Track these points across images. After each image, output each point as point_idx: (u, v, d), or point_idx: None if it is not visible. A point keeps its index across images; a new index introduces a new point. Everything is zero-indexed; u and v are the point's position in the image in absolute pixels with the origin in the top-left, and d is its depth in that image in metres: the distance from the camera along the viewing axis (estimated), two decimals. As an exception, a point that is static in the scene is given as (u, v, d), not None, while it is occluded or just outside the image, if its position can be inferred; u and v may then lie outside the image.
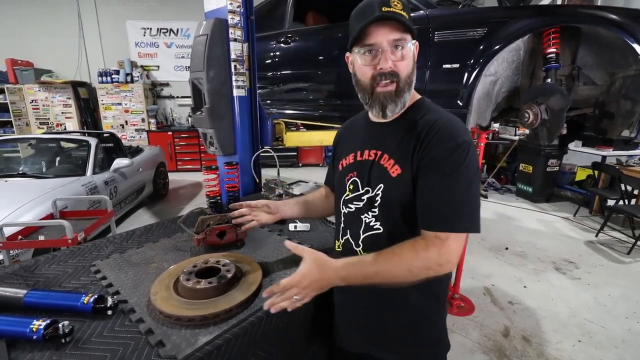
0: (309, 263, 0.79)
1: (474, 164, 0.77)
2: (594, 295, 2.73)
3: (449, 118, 0.80)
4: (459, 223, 0.75)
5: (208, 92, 1.81)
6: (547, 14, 1.82)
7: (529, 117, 1.82)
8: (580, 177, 4.90)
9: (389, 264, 0.76)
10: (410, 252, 0.75)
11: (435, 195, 0.76)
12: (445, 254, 0.74)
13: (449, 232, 0.74)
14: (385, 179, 0.83)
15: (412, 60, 0.80)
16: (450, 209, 0.75)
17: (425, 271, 0.75)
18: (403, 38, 0.76)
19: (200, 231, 1.27)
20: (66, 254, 1.29)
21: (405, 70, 0.79)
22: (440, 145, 0.76)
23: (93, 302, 0.91)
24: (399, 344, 0.91)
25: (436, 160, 0.76)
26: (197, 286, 0.93)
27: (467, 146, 0.75)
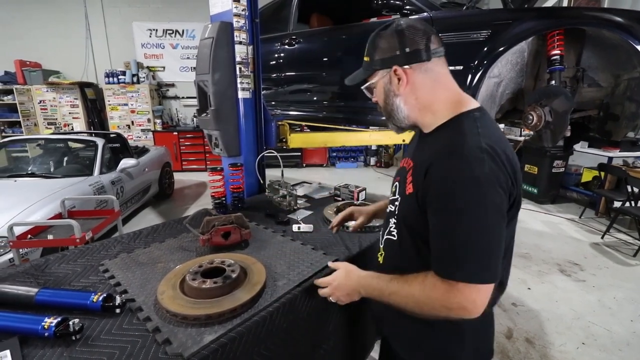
0: (340, 269, 0.96)
1: (485, 202, 0.68)
2: (598, 297, 2.71)
3: (466, 144, 0.71)
4: (462, 271, 0.69)
5: (213, 94, 1.84)
6: (552, 16, 1.81)
7: (532, 119, 1.82)
8: (586, 179, 4.86)
9: (400, 292, 0.78)
10: (419, 287, 0.75)
11: (437, 237, 0.74)
12: (453, 299, 0.70)
13: (454, 281, 0.70)
14: (403, 193, 0.85)
15: (382, 93, 0.87)
16: (453, 256, 0.70)
17: (433, 311, 0.73)
18: (367, 84, 0.90)
19: (205, 232, 1.29)
20: (75, 253, 1.32)
21: (381, 102, 0.89)
22: (446, 178, 0.71)
23: (102, 301, 0.94)
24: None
25: (440, 195, 0.72)
26: (202, 286, 0.95)
27: (476, 182, 0.68)
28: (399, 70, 0.81)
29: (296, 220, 1.59)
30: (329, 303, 1.11)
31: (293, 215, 1.67)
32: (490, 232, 0.69)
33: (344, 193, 1.92)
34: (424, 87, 0.82)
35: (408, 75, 0.81)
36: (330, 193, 2.03)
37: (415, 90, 0.82)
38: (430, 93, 0.82)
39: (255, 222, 1.58)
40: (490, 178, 0.68)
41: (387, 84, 0.84)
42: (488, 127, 0.76)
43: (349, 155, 7.71)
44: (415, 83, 0.82)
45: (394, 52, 0.81)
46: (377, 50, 0.84)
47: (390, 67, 0.82)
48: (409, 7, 2.14)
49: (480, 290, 0.69)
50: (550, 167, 4.76)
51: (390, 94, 0.85)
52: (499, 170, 0.69)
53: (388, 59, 0.82)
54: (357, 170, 7.57)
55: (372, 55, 0.85)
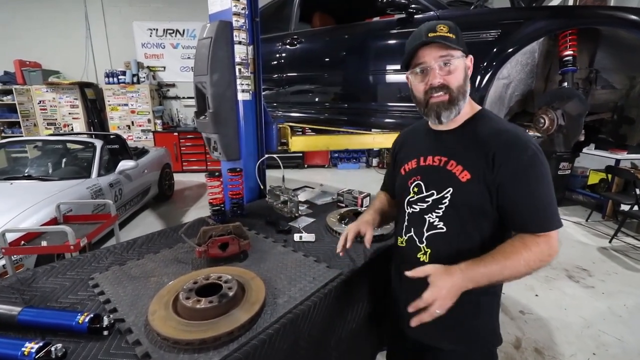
0: (438, 274, 0.84)
1: (548, 166, 0.86)
2: (608, 304, 2.63)
3: (514, 128, 0.89)
4: (555, 222, 0.85)
5: (212, 96, 1.77)
6: (565, 15, 1.73)
7: (544, 122, 1.74)
8: (593, 181, 4.77)
9: (510, 261, 0.82)
10: (524, 249, 0.83)
11: (531, 202, 0.85)
12: (553, 247, 0.84)
13: (552, 231, 0.84)
14: (454, 183, 0.90)
15: (462, 73, 0.90)
16: (548, 212, 0.85)
17: (539, 263, 0.83)
18: (449, 54, 0.88)
19: (202, 243, 1.22)
20: (65, 265, 1.26)
21: (456, 82, 0.89)
22: (521, 156, 0.85)
23: (88, 322, 0.87)
24: (455, 333, 0.98)
25: (521, 170, 0.84)
26: (196, 306, 0.88)
27: (540, 152, 0.85)
28: (471, 60, 0.93)
29: (298, 229, 1.52)
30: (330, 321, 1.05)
31: (294, 223, 1.60)
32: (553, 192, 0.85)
33: (348, 199, 1.85)
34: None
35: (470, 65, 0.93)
36: (333, 199, 1.96)
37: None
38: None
39: (255, 231, 1.51)
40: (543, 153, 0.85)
41: (465, 67, 0.91)
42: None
43: (351, 156, 7.63)
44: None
45: (464, 45, 0.90)
46: (459, 35, 0.89)
47: (467, 55, 0.91)
48: (415, 6, 2.06)
49: (557, 235, 0.85)
50: (556, 169, 4.66)
51: (467, 77, 0.91)
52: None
53: (465, 48, 0.90)
54: (359, 171, 7.50)
55: (457, 36, 0.89)
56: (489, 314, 1.00)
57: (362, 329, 1.29)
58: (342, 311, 1.16)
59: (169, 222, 4.35)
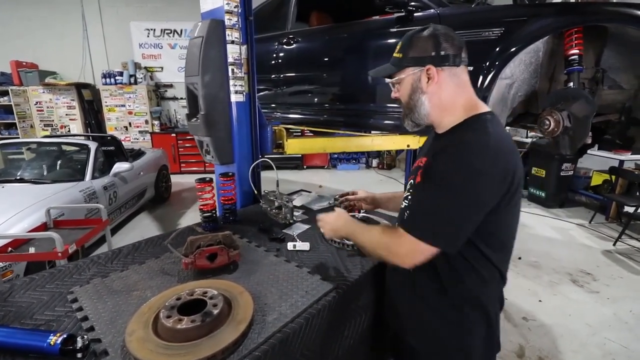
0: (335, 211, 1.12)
1: (471, 191, 0.79)
2: (614, 310, 2.56)
3: (475, 139, 0.82)
4: (416, 229, 0.84)
5: (203, 97, 1.70)
6: (571, 12, 1.67)
7: (549, 124, 1.67)
8: (596, 182, 4.70)
9: (366, 234, 0.99)
10: (378, 232, 0.96)
11: (412, 198, 0.92)
12: (396, 245, 0.87)
13: (406, 232, 0.85)
14: (414, 184, 0.94)
15: (407, 89, 0.93)
16: (415, 214, 0.89)
17: (379, 251, 0.93)
18: (395, 78, 0.95)
19: (189, 253, 1.16)
20: (45, 277, 1.19)
21: (402, 99, 0.96)
22: (445, 162, 0.83)
23: (61, 344, 0.80)
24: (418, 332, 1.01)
25: (432, 171, 0.86)
26: (177, 326, 0.81)
27: (471, 172, 0.78)
28: (432, 69, 0.88)
29: (292, 237, 1.45)
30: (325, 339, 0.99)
31: (289, 230, 1.53)
32: (458, 213, 0.81)
33: (345, 205, 1.77)
34: (448, 89, 0.90)
35: (438, 76, 0.89)
36: (330, 203, 1.89)
37: (441, 91, 0.90)
38: (453, 95, 0.90)
39: (247, 239, 1.44)
40: (487, 172, 0.78)
41: (416, 80, 0.91)
42: (497, 129, 0.85)
43: (351, 157, 7.56)
44: (442, 84, 0.89)
45: (429, 52, 0.88)
46: (413, 49, 0.90)
47: (424, 65, 0.89)
48: (415, 4, 1.99)
49: (419, 247, 0.83)
50: (559, 170, 4.60)
51: (418, 90, 0.92)
52: (497, 167, 0.79)
53: (423, 58, 0.89)
54: (358, 172, 7.43)
55: (406, 53, 0.91)
56: (455, 328, 0.95)
57: (361, 344, 1.22)
58: (338, 327, 1.09)
59: (166, 224, 4.29)
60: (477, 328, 0.94)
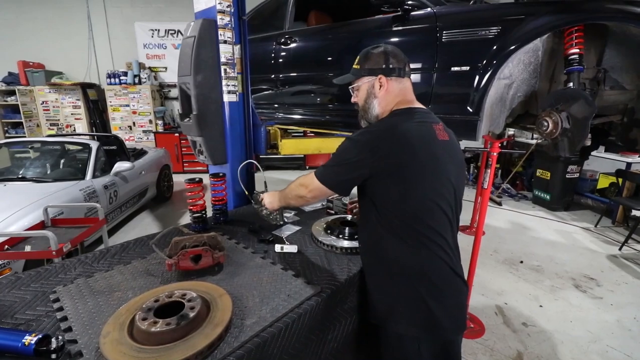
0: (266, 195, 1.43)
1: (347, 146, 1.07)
2: (617, 317, 2.50)
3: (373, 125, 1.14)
4: (318, 171, 1.14)
5: (196, 97, 1.70)
6: (570, 10, 1.62)
7: (547, 125, 1.62)
8: (603, 185, 4.61)
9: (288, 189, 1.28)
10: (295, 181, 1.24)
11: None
12: (304, 180, 1.18)
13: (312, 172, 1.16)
14: None
15: (364, 94, 1.18)
16: (321, 166, 1.15)
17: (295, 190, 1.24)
18: (352, 84, 1.21)
19: (173, 254, 1.15)
20: (31, 276, 1.19)
21: (359, 102, 1.21)
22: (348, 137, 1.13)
23: (35, 344, 0.80)
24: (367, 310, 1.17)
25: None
26: (151, 329, 0.80)
27: (350, 140, 1.07)
28: (383, 78, 1.13)
29: (281, 239, 1.43)
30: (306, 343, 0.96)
31: (279, 232, 1.52)
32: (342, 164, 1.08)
33: (337, 206, 1.76)
34: (391, 95, 1.14)
35: (387, 84, 1.13)
36: (323, 205, 1.87)
37: (387, 96, 1.15)
38: (392, 99, 1.15)
39: (236, 240, 1.43)
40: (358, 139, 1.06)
41: (370, 87, 1.16)
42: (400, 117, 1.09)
43: (354, 157, 7.51)
44: (389, 91, 1.14)
45: (380, 65, 1.13)
46: (368, 61, 1.15)
47: (377, 75, 1.13)
48: (411, 3, 1.96)
49: (317, 184, 1.12)
50: (564, 172, 4.52)
51: (371, 96, 1.16)
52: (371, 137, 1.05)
53: (376, 69, 1.14)
54: (361, 172, 7.38)
55: (363, 65, 1.16)
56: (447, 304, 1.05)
57: (347, 347, 1.19)
58: (321, 331, 1.07)
59: (166, 223, 4.31)
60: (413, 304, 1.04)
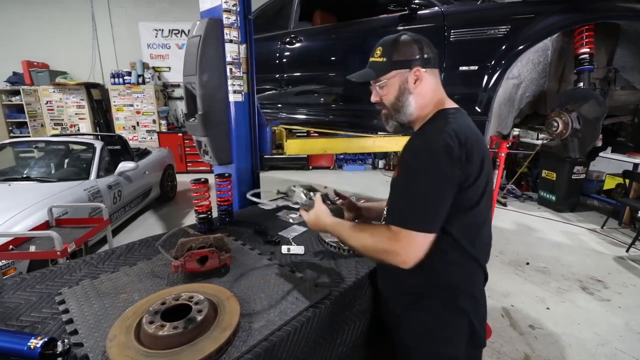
0: (312, 211, 1.05)
1: (434, 168, 0.83)
2: (625, 320, 2.46)
3: (434, 129, 0.90)
4: (406, 220, 0.84)
5: (201, 97, 1.69)
6: (581, 9, 1.59)
7: (558, 126, 1.60)
8: (609, 186, 4.56)
9: (353, 237, 0.94)
10: (369, 233, 0.91)
11: (395, 195, 0.94)
12: (393, 246, 0.85)
13: (400, 228, 0.84)
14: (392, 181, 0.97)
15: (394, 91, 0.96)
16: (403, 208, 0.88)
17: (374, 253, 0.90)
18: (378, 81, 0.97)
19: (179, 256, 1.13)
20: (37, 277, 1.18)
21: (387, 101, 0.98)
22: (412, 145, 0.93)
23: (41, 347, 0.79)
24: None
25: (406, 159, 0.92)
26: (158, 332, 0.79)
27: (429, 152, 0.85)
28: (420, 71, 0.93)
29: (287, 240, 1.42)
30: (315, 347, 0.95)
31: (285, 233, 1.50)
32: (433, 191, 0.84)
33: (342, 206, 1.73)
34: (429, 89, 0.96)
35: (424, 77, 0.94)
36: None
37: (423, 91, 0.96)
38: (431, 94, 0.97)
39: (242, 241, 1.42)
40: (441, 149, 0.82)
41: (403, 82, 0.95)
42: (459, 120, 0.91)
43: (357, 157, 7.50)
44: (425, 84, 0.95)
45: (414, 55, 0.94)
46: (398, 52, 0.94)
47: (411, 67, 0.93)
48: (418, 2, 1.95)
49: (416, 239, 0.83)
50: (570, 173, 4.47)
51: (405, 92, 0.96)
52: (454, 146, 0.83)
53: (410, 61, 0.94)
54: (364, 173, 7.36)
55: (391, 56, 0.95)
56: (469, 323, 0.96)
57: (356, 351, 1.18)
58: (330, 335, 1.05)
59: (171, 223, 4.31)
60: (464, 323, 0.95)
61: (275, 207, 1.75)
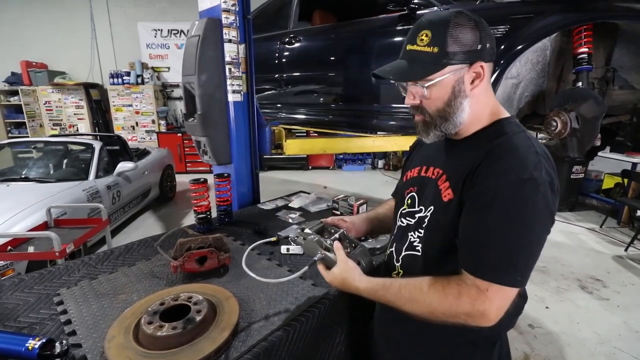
0: (337, 270, 0.80)
1: (541, 207, 0.63)
2: (624, 319, 2.47)
3: (523, 144, 0.68)
4: (507, 275, 0.64)
5: (200, 97, 1.69)
6: (579, 9, 1.60)
7: (556, 125, 1.61)
8: (608, 185, 4.57)
9: (411, 300, 0.70)
10: (439, 294, 0.68)
11: (481, 236, 0.66)
12: (480, 306, 0.64)
13: (492, 283, 0.64)
14: (437, 201, 0.76)
15: (445, 94, 0.71)
16: (499, 257, 0.65)
17: (450, 319, 0.67)
18: (427, 81, 0.71)
19: (178, 256, 1.13)
20: (35, 277, 1.18)
21: (432, 106, 0.73)
22: (499, 176, 0.66)
23: (39, 348, 0.78)
24: None
25: (490, 194, 0.66)
26: (157, 333, 0.79)
27: (534, 184, 0.63)
28: (482, 66, 0.70)
29: (286, 240, 1.42)
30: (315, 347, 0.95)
31: (284, 233, 1.50)
32: (538, 237, 0.65)
33: (343, 207, 1.74)
34: (486, 90, 0.74)
35: (485, 75, 0.71)
36: (329, 205, 1.86)
37: (480, 93, 0.73)
38: (488, 97, 0.75)
39: (241, 242, 1.41)
40: (546, 182, 0.64)
41: (459, 82, 0.71)
42: (530, 134, 0.72)
43: (356, 157, 7.50)
44: (484, 84, 0.73)
45: (476, 45, 0.69)
46: (456, 40, 0.68)
47: (474, 62, 0.70)
48: (417, 1, 1.94)
49: (507, 296, 0.65)
50: (569, 172, 4.48)
51: (461, 94, 0.72)
52: (553, 175, 0.66)
53: (471, 53, 0.69)
54: (364, 173, 7.36)
55: (444, 46, 0.68)
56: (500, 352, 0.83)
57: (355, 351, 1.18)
58: (330, 335, 1.05)
59: (170, 224, 4.30)
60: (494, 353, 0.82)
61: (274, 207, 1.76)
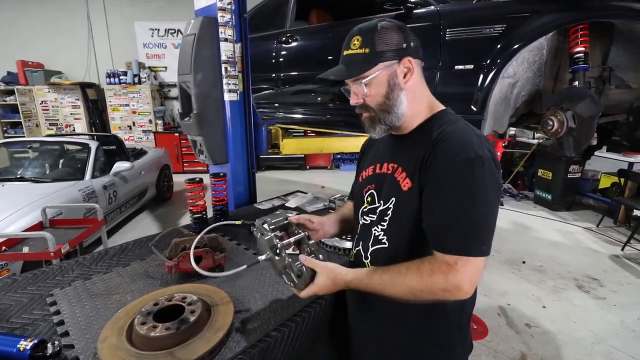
0: (322, 277, 0.80)
1: (490, 181, 0.71)
2: (621, 318, 2.47)
3: (463, 130, 0.76)
4: (473, 247, 0.70)
5: (196, 96, 1.67)
6: (576, 8, 1.60)
7: (553, 125, 1.60)
8: (604, 185, 4.58)
9: (393, 284, 0.75)
10: (414, 274, 0.73)
11: (443, 216, 0.72)
12: (452, 279, 0.70)
13: (458, 256, 0.70)
14: (397, 192, 0.82)
15: (382, 89, 0.80)
16: (460, 231, 0.71)
17: (428, 295, 0.72)
18: (362, 78, 0.79)
19: (172, 256, 1.12)
20: (28, 278, 1.17)
21: (374, 102, 0.81)
22: (449, 160, 0.72)
23: (31, 349, 0.77)
24: None
25: (444, 177, 0.72)
26: (150, 333, 0.78)
27: (480, 161, 0.70)
28: (412, 61, 0.79)
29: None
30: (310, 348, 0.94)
31: (280, 233, 1.49)
32: (493, 207, 0.72)
33: (340, 206, 1.73)
34: (418, 84, 0.82)
35: (415, 69, 0.80)
36: (325, 205, 1.85)
37: (416, 85, 0.82)
38: (421, 91, 0.83)
39: (237, 241, 1.41)
40: (489, 157, 0.71)
41: (392, 76, 0.79)
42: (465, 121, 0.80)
43: (354, 157, 7.50)
44: (416, 78, 0.81)
45: (402, 44, 0.79)
46: (382, 41, 0.78)
47: (401, 58, 0.79)
48: (414, 1, 1.94)
49: (476, 267, 0.70)
50: (566, 172, 4.49)
51: (396, 88, 0.80)
52: (493, 151, 0.74)
53: (398, 50, 0.78)
54: (362, 172, 7.36)
55: (375, 46, 0.78)
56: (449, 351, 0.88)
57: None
58: (324, 335, 1.05)
59: (167, 224, 4.28)
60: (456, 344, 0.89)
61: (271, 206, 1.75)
